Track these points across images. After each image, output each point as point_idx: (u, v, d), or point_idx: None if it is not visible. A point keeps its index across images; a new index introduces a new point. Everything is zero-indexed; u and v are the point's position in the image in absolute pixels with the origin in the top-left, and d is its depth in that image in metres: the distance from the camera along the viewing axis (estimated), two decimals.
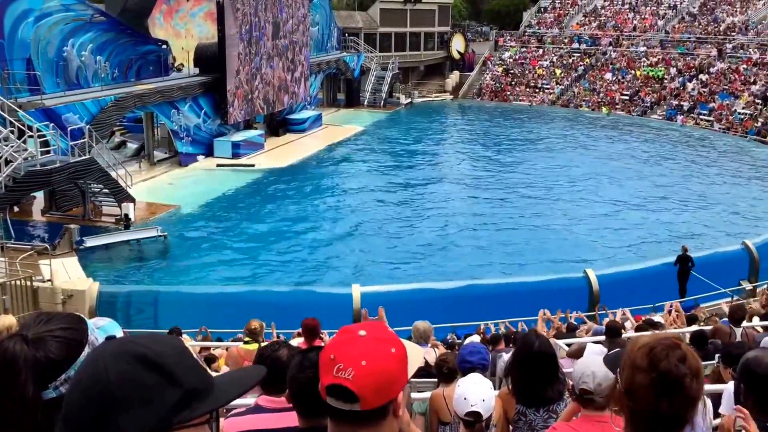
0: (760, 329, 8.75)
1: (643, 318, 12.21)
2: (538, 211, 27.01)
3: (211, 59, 33.31)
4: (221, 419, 3.30)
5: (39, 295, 16.07)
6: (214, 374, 1.85)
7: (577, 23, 61.61)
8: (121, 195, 23.56)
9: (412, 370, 1.73)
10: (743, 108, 45.55)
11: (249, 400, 3.88)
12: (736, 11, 55.86)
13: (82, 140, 23.08)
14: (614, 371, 2.49)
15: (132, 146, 32.60)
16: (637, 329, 10.09)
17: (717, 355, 5.86)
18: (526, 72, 58.10)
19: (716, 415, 4.24)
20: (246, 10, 34.95)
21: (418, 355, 1.80)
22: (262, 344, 7.09)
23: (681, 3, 59.52)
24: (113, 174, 24.19)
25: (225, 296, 17.36)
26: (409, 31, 59.72)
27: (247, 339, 8.62)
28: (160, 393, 1.33)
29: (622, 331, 9.22)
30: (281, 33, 38.74)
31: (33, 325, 1.73)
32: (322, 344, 7.11)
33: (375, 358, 1.61)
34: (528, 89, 56.20)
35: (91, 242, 20.89)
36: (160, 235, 21.98)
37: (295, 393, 2.54)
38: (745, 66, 49.41)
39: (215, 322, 13.79)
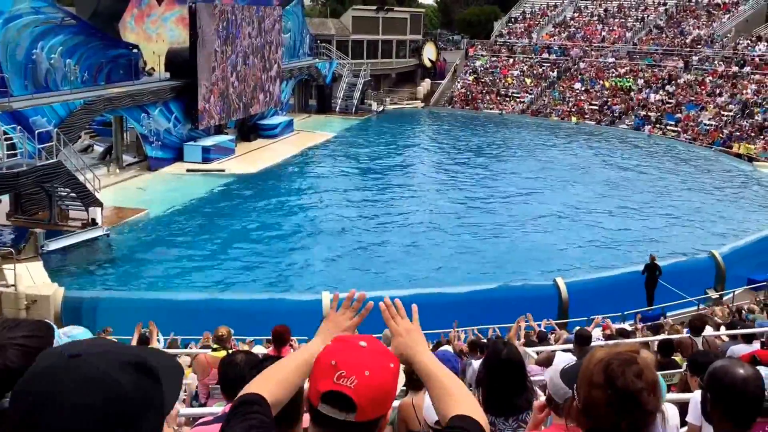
0: (725, 338, 8.88)
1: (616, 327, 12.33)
2: (507, 218, 27.14)
3: (182, 64, 33.03)
4: (188, 428, 3.24)
5: (2, 301, 15.75)
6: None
7: (547, 33, 62.28)
8: (88, 199, 23.21)
9: (398, 387, 1.74)
10: (709, 119, 46.36)
11: (216, 408, 3.83)
12: (701, 25, 56.87)
13: (49, 143, 22.73)
14: (570, 386, 2.45)
15: (98, 149, 32.16)
16: (608, 338, 10.18)
17: (685, 363, 5.93)
18: (497, 81, 58.54)
19: (683, 423, 4.28)
20: (224, 7, 34.91)
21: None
22: (231, 351, 7.01)
23: (648, 16, 60.49)
24: (81, 178, 23.81)
25: (194, 303, 17.13)
26: (381, 39, 59.92)
27: (215, 346, 8.52)
28: (156, 395, 1.37)
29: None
30: (256, 32, 38.65)
31: None
32: (292, 351, 7.05)
33: (377, 370, 1.61)
34: (499, 98, 56.60)
35: (53, 245, 20.63)
36: (104, 234, 22.29)
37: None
38: (710, 78, 50.32)
39: (184, 329, 13.61)
